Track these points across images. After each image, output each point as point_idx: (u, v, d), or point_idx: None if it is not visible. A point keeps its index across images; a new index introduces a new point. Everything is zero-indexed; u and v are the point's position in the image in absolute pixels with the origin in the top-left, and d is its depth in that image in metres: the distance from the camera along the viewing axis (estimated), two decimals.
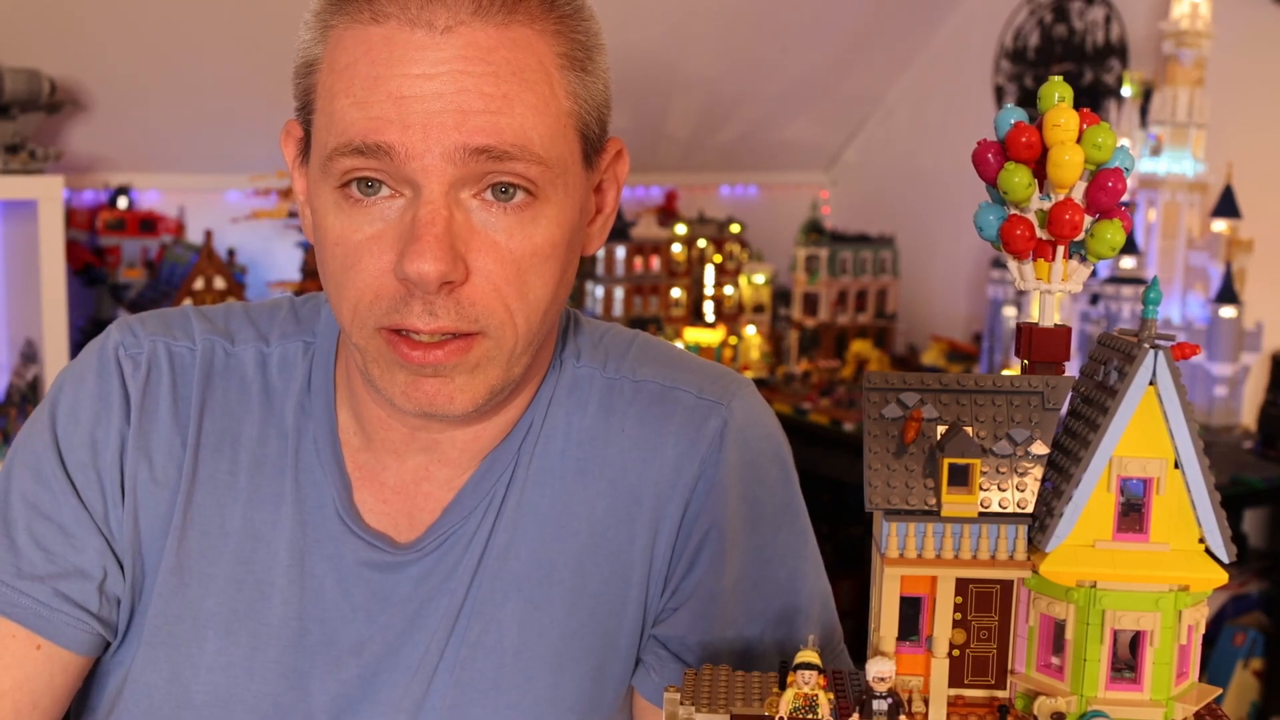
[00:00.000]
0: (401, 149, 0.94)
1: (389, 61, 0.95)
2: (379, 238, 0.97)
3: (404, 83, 0.94)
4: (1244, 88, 3.58)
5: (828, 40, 4.25)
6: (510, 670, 1.11)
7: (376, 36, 0.96)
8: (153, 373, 1.13)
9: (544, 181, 0.98)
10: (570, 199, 1.02)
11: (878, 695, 0.75)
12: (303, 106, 1.03)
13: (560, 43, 1.00)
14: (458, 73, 0.94)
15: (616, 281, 4.10)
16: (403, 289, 0.97)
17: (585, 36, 1.02)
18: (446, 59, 0.94)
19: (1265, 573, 3.38)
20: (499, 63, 0.95)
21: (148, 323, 1.16)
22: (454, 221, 0.96)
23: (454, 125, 0.94)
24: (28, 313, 3.04)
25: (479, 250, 0.97)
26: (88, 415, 1.13)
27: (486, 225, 0.98)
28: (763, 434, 1.17)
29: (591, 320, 1.21)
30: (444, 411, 1.02)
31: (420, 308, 0.97)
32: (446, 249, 0.95)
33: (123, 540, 1.12)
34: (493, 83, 0.95)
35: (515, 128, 0.95)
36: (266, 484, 1.13)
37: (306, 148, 1.04)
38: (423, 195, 0.96)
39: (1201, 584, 0.74)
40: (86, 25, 3.13)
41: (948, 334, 4.32)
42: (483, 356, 1.01)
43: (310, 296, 1.22)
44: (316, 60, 1.01)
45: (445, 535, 1.11)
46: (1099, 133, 0.76)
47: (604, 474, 1.13)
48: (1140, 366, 0.73)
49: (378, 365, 1.02)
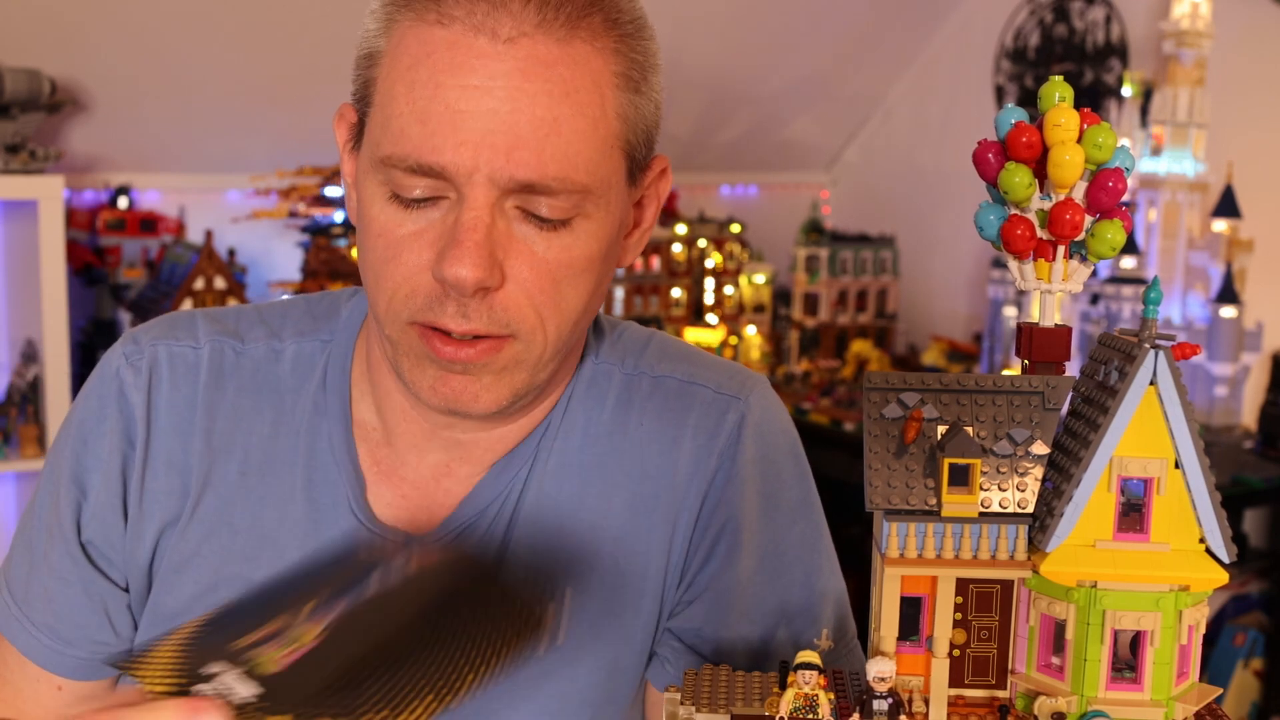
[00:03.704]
0: (453, 168, 0.96)
1: (451, 69, 0.96)
2: (420, 235, 0.99)
3: (462, 95, 0.95)
4: (1244, 88, 3.58)
5: (828, 40, 4.25)
6: (528, 664, 1.11)
7: (440, 40, 0.97)
8: (154, 377, 1.15)
9: (584, 203, 1.00)
10: (610, 216, 1.03)
11: (878, 695, 0.75)
12: (361, 96, 1.04)
13: (618, 61, 1.01)
14: (514, 90, 0.95)
15: (617, 281, 4.11)
16: (438, 288, 0.99)
17: (643, 57, 1.03)
18: (505, 71, 0.96)
19: (1265, 573, 3.38)
20: (555, 80, 0.96)
21: (152, 329, 1.18)
22: (494, 229, 0.98)
23: (504, 151, 0.95)
24: (28, 313, 3.04)
25: (516, 258, 0.99)
26: (92, 435, 1.15)
27: (525, 236, 0.99)
28: (779, 429, 1.18)
29: (607, 317, 1.22)
30: (469, 410, 1.03)
31: (454, 309, 0.99)
32: (485, 255, 0.96)
33: (133, 559, 1.15)
34: (546, 105, 0.96)
35: (561, 156, 0.97)
36: (277, 482, 1.13)
37: (359, 133, 1.05)
38: (466, 202, 0.97)
39: (1202, 584, 0.74)
40: (87, 25, 3.13)
41: (948, 334, 4.32)
42: (512, 359, 1.02)
43: (325, 294, 1.22)
44: (379, 53, 1.02)
45: (460, 528, 1.12)
46: (1099, 132, 0.76)
47: (622, 467, 1.14)
48: (1141, 366, 0.73)
49: (408, 358, 1.03)
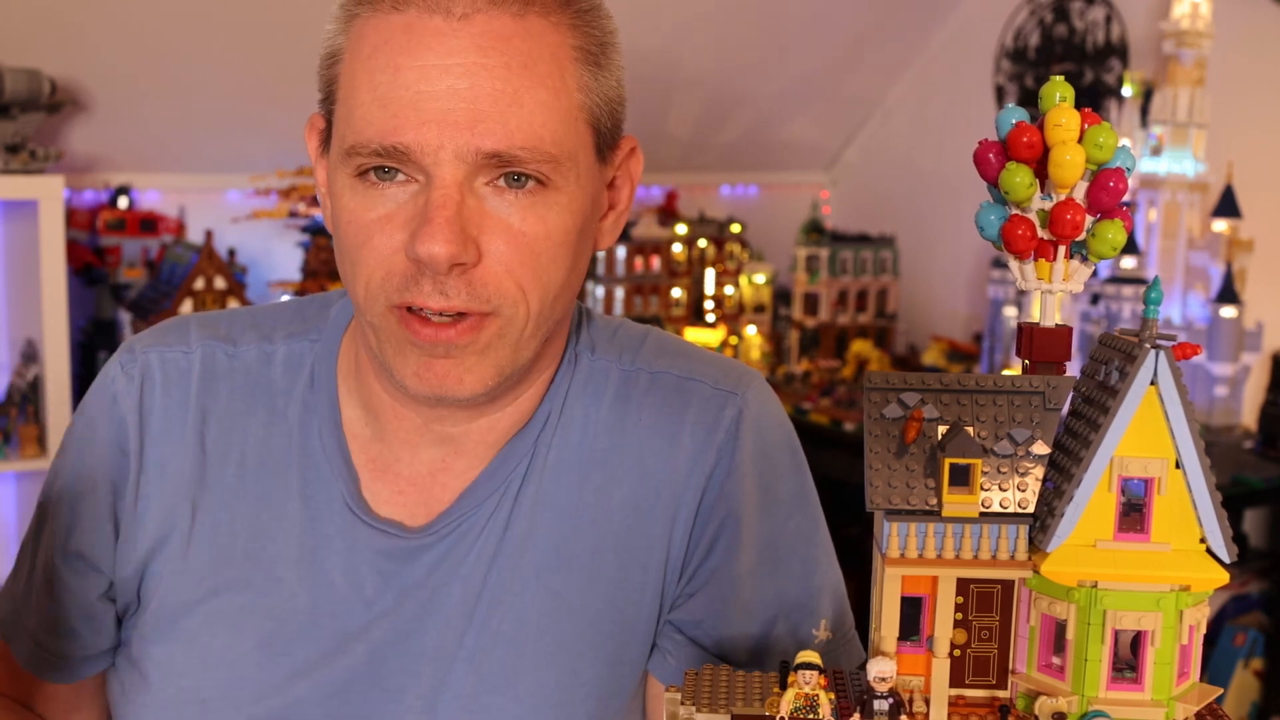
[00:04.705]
0: (417, 146, 0.97)
1: (408, 50, 0.98)
2: (390, 218, 1.00)
3: (421, 75, 0.97)
4: (1244, 88, 3.58)
5: (828, 40, 4.25)
6: (530, 658, 1.12)
7: (397, 25, 0.99)
8: (146, 383, 1.16)
9: (554, 173, 1.01)
10: (582, 189, 1.04)
11: (879, 695, 0.75)
12: (326, 97, 1.06)
13: (575, 36, 1.02)
14: (473, 65, 0.97)
15: (617, 281, 4.11)
16: (413, 268, 1.00)
17: (600, 33, 1.05)
18: (462, 48, 0.97)
19: (1265, 573, 3.38)
20: (513, 53, 0.98)
21: (145, 337, 1.20)
22: (465, 206, 0.99)
23: (467, 125, 0.97)
24: (28, 313, 3.04)
25: (491, 233, 1.00)
26: (85, 446, 1.17)
27: (499, 209, 1.00)
28: (776, 423, 1.19)
29: (603, 315, 1.24)
30: (454, 393, 1.03)
31: (431, 287, 0.99)
32: (457, 231, 0.97)
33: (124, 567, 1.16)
34: (505, 77, 0.98)
35: (526, 127, 0.98)
36: (273, 483, 1.14)
37: (328, 138, 1.07)
38: (435, 182, 0.98)
39: (1202, 584, 0.74)
40: (87, 25, 3.13)
41: (948, 334, 4.32)
42: (494, 337, 1.03)
43: (318, 296, 1.23)
44: (340, 51, 1.03)
45: (458, 521, 1.12)
46: (1100, 132, 0.76)
47: (621, 463, 1.15)
48: (1141, 366, 0.73)
49: (391, 345, 1.04)
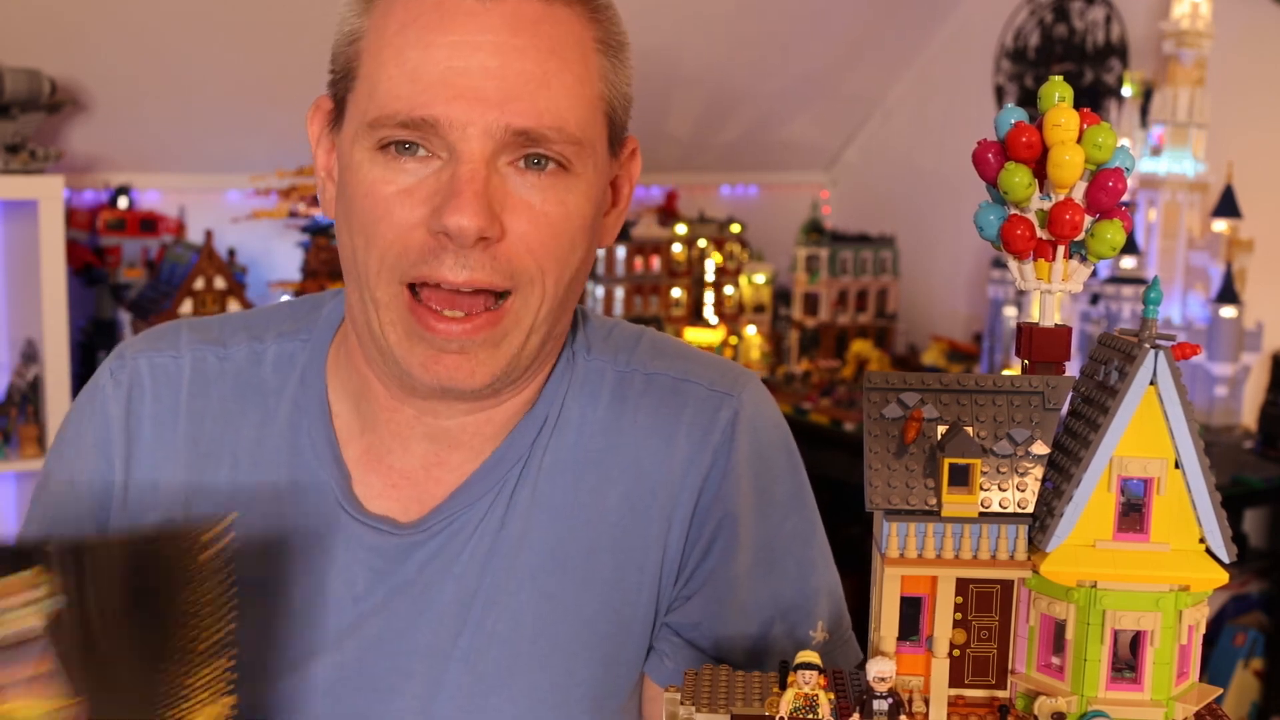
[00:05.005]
0: (446, 121, 0.99)
1: (440, 27, 0.99)
2: (410, 192, 1.01)
3: (453, 52, 0.99)
4: (1244, 88, 3.58)
5: (828, 40, 4.25)
6: (525, 658, 1.12)
7: (428, 2, 1.00)
8: (134, 390, 1.17)
9: (576, 158, 1.03)
10: (598, 177, 1.07)
11: (878, 695, 0.75)
12: (342, 76, 1.06)
13: (596, 28, 1.06)
14: (504, 45, 0.99)
15: (617, 281, 4.11)
16: (433, 242, 1.00)
17: (616, 31, 1.09)
18: (494, 26, 0.99)
19: (1265, 573, 3.38)
20: (542, 37, 1.01)
21: (136, 342, 1.20)
22: (490, 184, 1.00)
23: (497, 103, 0.99)
24: (28, 313, 3.04)
25: (515, 212, 1.01)
26: (71, 451, 1.17)
27: (521, 189, 1.02)
28: (771, 424, 1.19)
29: (598, 315, 1.24)
30: (462, 386, 1.04)
31: (452, 260, 1.00)
32: (485, 205, 0.99)
33: None
34: (535, 59, 1.00)
35: (554, 110, 1.00)
36: (266, 481, 1.14)
37: (337, 118, 1.07)
38: (462, 158, 0.99)
39: (1202, 584, 0.74)
40: (87, 25, 3.13)
41: (948, 334, 4.32)
42: (512, 323, 1.04)
43: (309, 296, 1.23)
44: (362, 30, 1.04)
45: (451, 518, 1.12)
46: (1099, 133, 0.76)
47: (617, 464, 1.14)
48: (1141, 366, 0.73)
49: (395, 331, 1.04)
